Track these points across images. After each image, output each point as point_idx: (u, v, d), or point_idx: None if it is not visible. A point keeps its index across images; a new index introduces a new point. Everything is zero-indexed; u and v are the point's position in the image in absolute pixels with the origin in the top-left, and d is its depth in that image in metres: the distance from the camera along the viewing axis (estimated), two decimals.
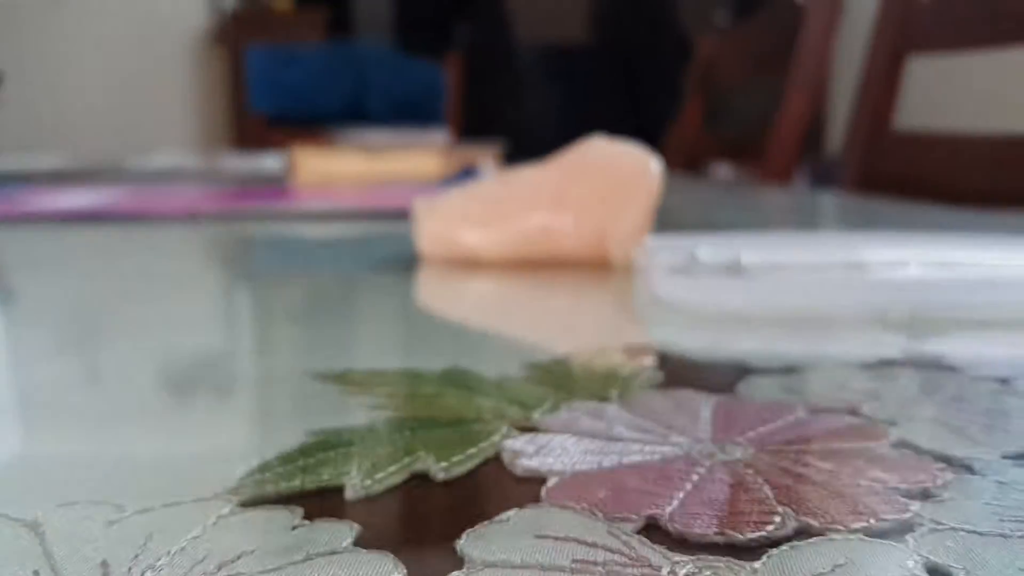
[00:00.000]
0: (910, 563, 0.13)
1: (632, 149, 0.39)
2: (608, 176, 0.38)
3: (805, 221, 0.66)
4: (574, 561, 0.13)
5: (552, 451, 0.17)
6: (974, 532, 0.14)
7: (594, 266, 0.38)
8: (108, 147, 2.46)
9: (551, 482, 0.16)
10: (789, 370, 0.23)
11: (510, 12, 2.95)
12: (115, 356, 0.26)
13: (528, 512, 0.15)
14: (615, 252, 0.38)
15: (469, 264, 0.39)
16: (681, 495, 0.15)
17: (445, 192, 0.42)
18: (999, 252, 0.34)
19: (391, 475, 0.16)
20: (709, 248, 0.33)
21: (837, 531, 0.14)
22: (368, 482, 0.16)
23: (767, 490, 0.15)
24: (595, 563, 0.13)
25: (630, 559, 0.13)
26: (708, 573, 0.13)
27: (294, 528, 0.14)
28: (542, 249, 0.38)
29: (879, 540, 0.13)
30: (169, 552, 0.13)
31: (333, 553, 0.13)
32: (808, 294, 0.30)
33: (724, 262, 0.32)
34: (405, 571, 0.13)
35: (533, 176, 0.40)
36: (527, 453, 0.17)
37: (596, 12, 3.03)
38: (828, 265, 0.33)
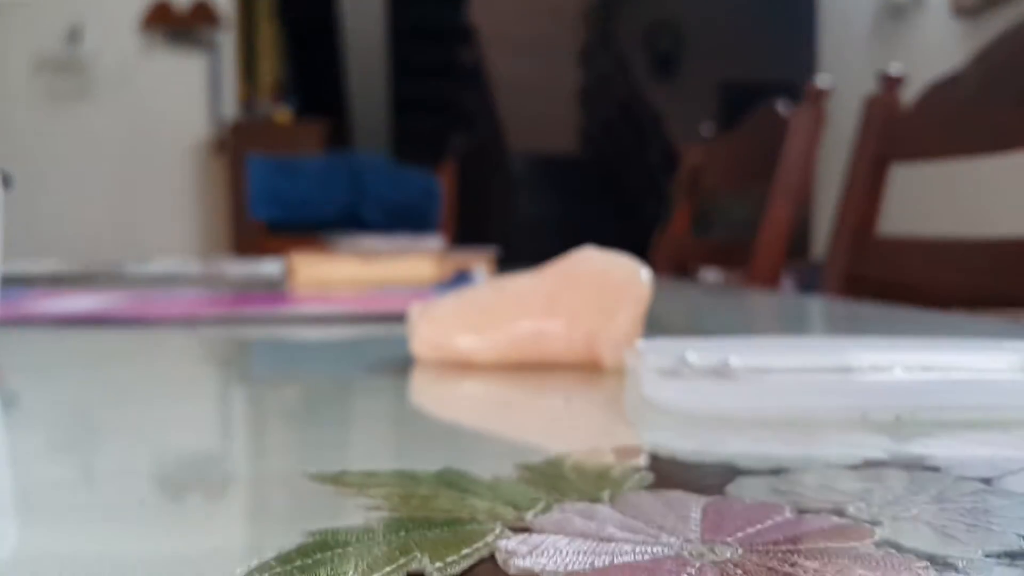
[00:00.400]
0: None
1: (622, 259, 0.41)
2: (599, 284, 0.40)
3: (791, 324, 0.67)
4: None
5: (545, 551, 0.18)
6: None
7: (584, 369, 0.39)
8: (109, 252, 2.48)
9: None
10: (777, 471, 0.23)
11: (503, 123, 3.05)
12: (113, 457, 0.27)
13: None
14: (606, 356, 0.39)
15: (462, 367, 0.40)
16: None
17: (439, 297, 0.43)
18: (980, 355, 0.35)
19: (387, 575, 0.17)
20: (698, 351, 0.34)
21: None
22: None
23: None
24: None
25: None
26: None
27: None
28: (533, 353, 0.39)
29: None
30: None
31: None
32: (795, 397, 0.30)
33: (713, 365, 0.33)
34: None
35: (525, 283, 0.41)
36: (521, 553, 0.18)
37: (585, 123, 3.13)
38: (815, 368, 0.34)
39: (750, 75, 3.30)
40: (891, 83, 0.95)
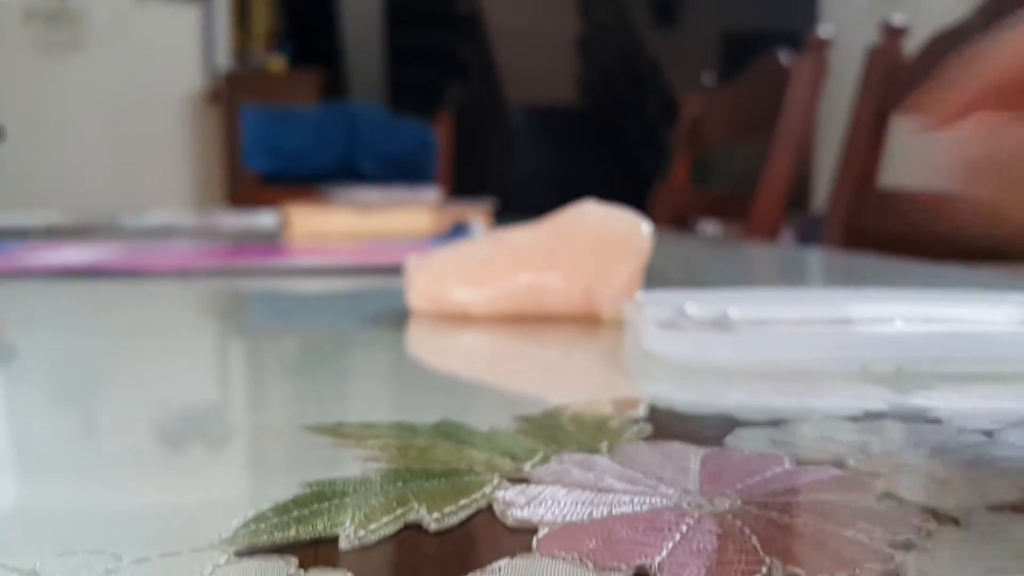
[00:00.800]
0: None
1: (623, 212, 0.40)
2: (599, 237, 0.39)
3: (791, 277, 0.67)
4: None
5: (543, 502, 0.18)
6: None
7: (582, 321, 0.39)
8: (104, 204, 2.47)
9: (542, 532, 0.16)
10: (776, 423, 0.23)
11: (500, 73, 3.02)
12: (112, 409, 0.26)
13: (519, 562, 0.15)
14: (605, 309, 0.38)
15: (459, 319, 0.40)
16: (670, 545, 0.15)
17: (436, 249, 0.43)
18: (981, 308, 0.35)
19: (384, 525, 0.17)
20: (697, 304, 0.33)
21: None
22: (362, 532, 0.16)
23: (754, 541, 0.16)
24: None
25: None
26: None
27: None
28: (531, 306, 0.39)
29: None
30: None
31: None
32: (795, 349, 0.30)
33: (712, 317, 0.33)
34: None
35: (523, 236, 0.40)
36: (518, 504, 0.18)
37: (584, 73, 3.10)
38: (815, 320, 0.33)
39: (752, 24, 3.25)
40: (894, 34, 0.93)
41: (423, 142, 2.17)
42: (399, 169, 2.05)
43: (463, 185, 2.13)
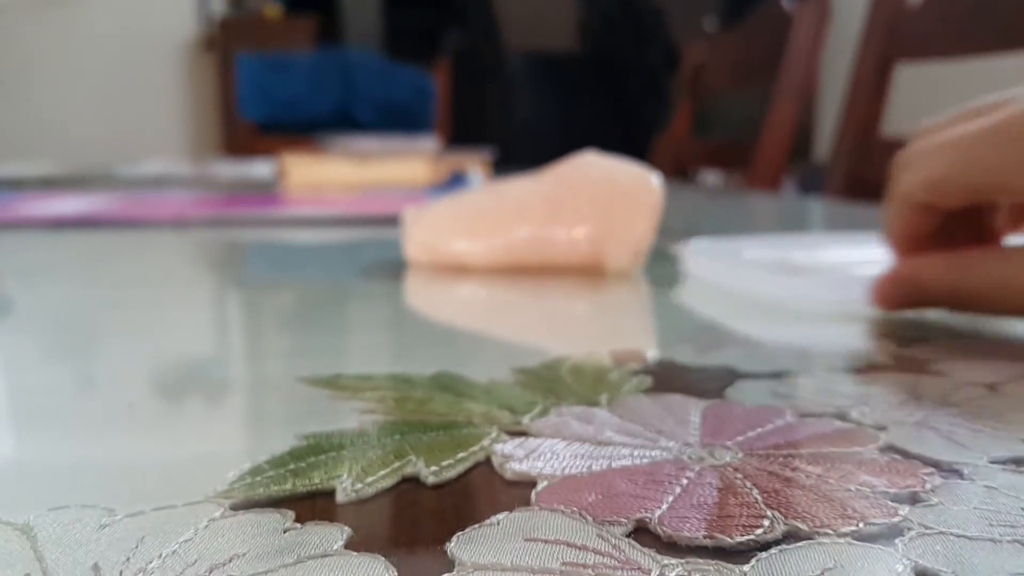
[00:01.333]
0: (899, 567, 0.13)
1: (628, 164, 0.40)
2: (608, 189, 0.38)
3: (793, 227, 0.66)
4: (564, 564, 0.13)
5: (542, 455, 0.17)
6: (963, 536, 0.14)
7: (584, 273, 0.38)
8: (98, 154, 2.45)
9: (541, 486, 0.16)
10: (778, 375, 0.23)
11: (499, 19, 2.96)
12: (106, 361, 0.26)
13: (518, 515, 0.15)
14: (613, 262, 0.38)
15: (457, 271, 0.39)
16: (670, 499, 0.15)
17: (434, 199, 0.42)
18: None
19: (382, 479, 0.16)
20: (754, 247, 0.36)
21: (826, 535, 0.14)
22: (359, 486, 0.16)
23: (756, 494, 0.15)
24: (585, 566, 0.13)
25: (619, 562, 0.13)
26: None
27: (285, 531, 0.14)
28: (532, 258, 0.38)
29: (868, 544, 0.14)
30: (160, 555, 0.13)
31: (324, 556, 0.13)
32: (843, 289, 0.31)
33: (768, 260, 0.35)
34: (396, 574, 0.13)
35: (525, 187, 0.40)
36: (517, 457, 0.17)
37: (584, 19, 3.04)
38: (862, 264, 0.34)
39: None
40: None
41: (420, 90, 2.14)
42: (396, 117, 2.02)
43: (461, 134, 2.11)
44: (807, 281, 0.32)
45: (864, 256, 0.35)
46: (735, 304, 0.33)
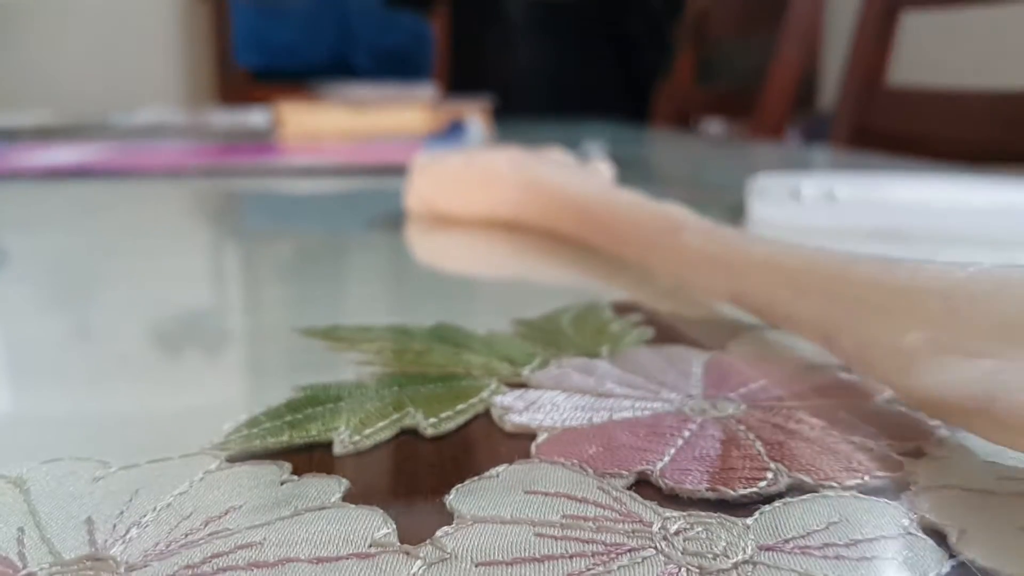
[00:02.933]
0: (905, 521, 0.13)
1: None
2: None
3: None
4: (564, 517, 0.13)
5: (542, 407, 0.17)
6: (969, 490, 0.13)
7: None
8: (94, 103, 2.42)
9: (541, 438, 0.16)
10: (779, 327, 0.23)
11: None
12: (101, 312, 0.26)
13: (518, 468, 0.15)
14: None
15: (458, 222, 0.39)
16: (672, 451, 0.15)
17: (440, 152, 0.41)
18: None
19: (380, 431, 0.16)
20: (809, 183, 0.38)
21: (831, 488, 0.14)
22: (357, 438, 0.16)
23: (759, 446, 0.15)
24: (585, 519, 0.13)
25: (620, 515, 0.13)
26: (699, 529, 0.12)
27: (282, 483, 0.14)
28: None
29: (873, 498, 0.13)
30: (155, 508, 0.13)
31: (322, 508, 0.13)
32: (887, 217, 0.35)
33: (820, 193, 0.37)
34: (394, 526, 0.13)
35: (530, 152, 0.39)
36: (517, 409, 0.17)
37: None
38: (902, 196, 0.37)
39: None
40: None
41: (419, 36, 2.11)
42: (394, 64, 2.00)
43: (460, 81, 2.08)
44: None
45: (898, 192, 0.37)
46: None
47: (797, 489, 0.14)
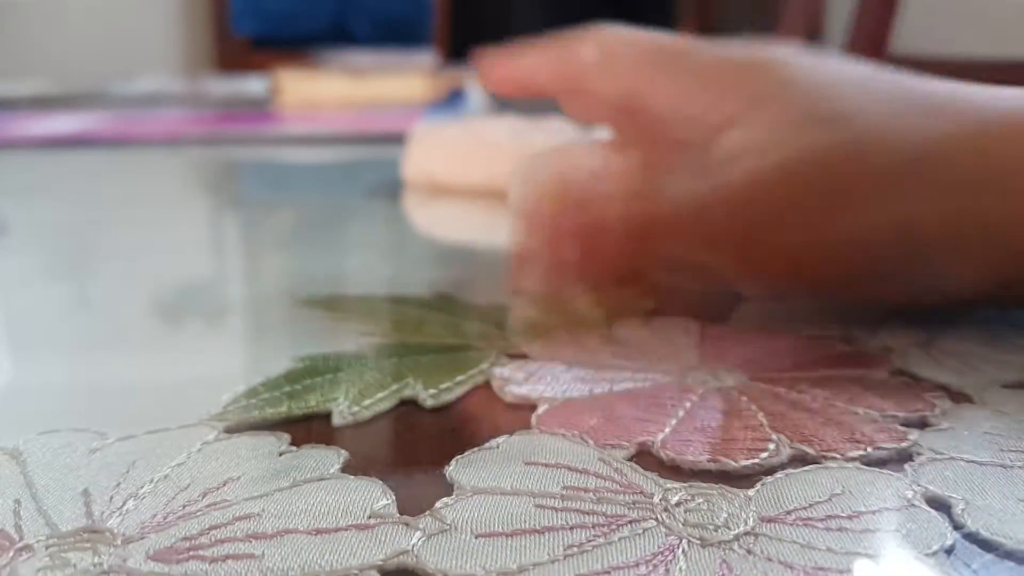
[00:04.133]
0: (909, 493, 0.12)
1: None
2: None
3: None
4: (565, 488, 0.13)
5: (542, 378, 0.17)
6: (973, 462, 0.13)
7: None
8: (90, 71, 2.39)
9: (541, 409, 0.16)
10: (782, 297, 0.22)
11: None
12: (99, 282, 0.26)
13: (518, 439, 0.14)
14: None
15: (456, 192, 0.38)
16: (673, 422, 0.15)
17: (438, 122, 0.41)
18: None
19: (379, 401, 0.16)
20: None
21: (833, 459, 0.14)
22: (356, 408, 0.16)
23: (761, 417, 0.15)
24: (586, 490, 0.13)
25: (621, 486, 0.13)
26: (701, 500, 0.12)
27: (281, 454, 0.14)
28: None
29: (877, 469, 0.13)
30: (152, 479, 0.13)
31: (321, 479, 0.13)
32: None
33: None
34: (394, 497, 0.12)
35: (527, 122, 0.39)
36: (517, 380, 0.17)
37: None
38: None
39: None
40: None
41: (418, 3, 2.08)
42: (393, 32, 1.98)
43: (460, 49, 2.06)
44: None
45: None
46: None
47: (799, 460, 0.14)
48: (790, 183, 0.18)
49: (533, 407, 0.16)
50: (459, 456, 0.14)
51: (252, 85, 1.10)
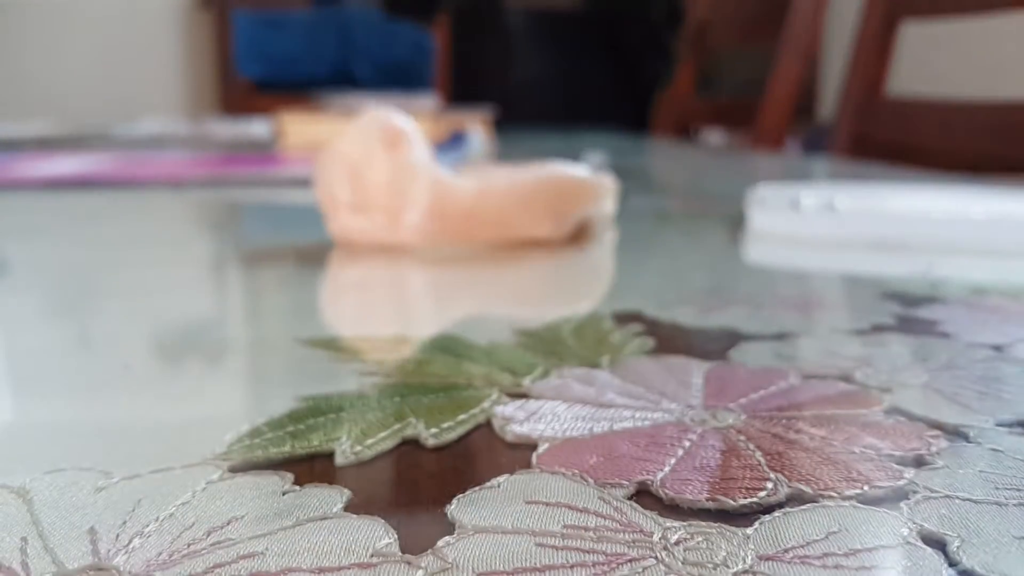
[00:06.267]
0: (904, 531, 0.13)
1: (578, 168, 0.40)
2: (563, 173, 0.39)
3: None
4: (565, 527, 0.13)
5: (543, 417, 0.17)
6: (969, 500, 0.13)
7: (543, 245, 0.38)
8: (95, 113, 2.42)
9: (542, 448, 0.16)
10: (781, 336, 0.23)
11: None
12: (103, 323, 0.26)
13: (519, 478, 0.15)
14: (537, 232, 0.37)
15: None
16: (672, 461, 0.15)
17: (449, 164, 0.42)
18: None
19: (382, 441, 0.16)
20: (809, 193, 0.39)
21: (830, 498, 0.14)
22: (358, 448, 0.16)
23: (759, 456, 0.15)
24: (586, 528, 0.13)
25: (621, 524, 0.13)
26: (700, 539, 0.12)
27: (284, 493, 0.14)
28: (494, 232, 0.37)
29: (873, 507, 0.13)
30: (158, 518, 0.13)
31: (323, 518, 0.13)
32: (887, 228, 0.36)
33: (820, 204, 0.38)
34: (396, 536, 0.13)
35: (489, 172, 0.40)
36: (518, 419, 0.17)
37: None
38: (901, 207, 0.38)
39: None
40: None
41: (419, 47, 2.11)
42: (395, 75, 2.00)
43: (461, 92, 2.08)
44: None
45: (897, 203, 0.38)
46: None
47: (797, 499, 0.14)
48: None
49: (534, 446, 0.16)
50: (460, 495, 0.14)
51: (256, 127, 1.12)
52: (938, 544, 0.12)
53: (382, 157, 0.35)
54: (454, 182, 0.36)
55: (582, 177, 0.39)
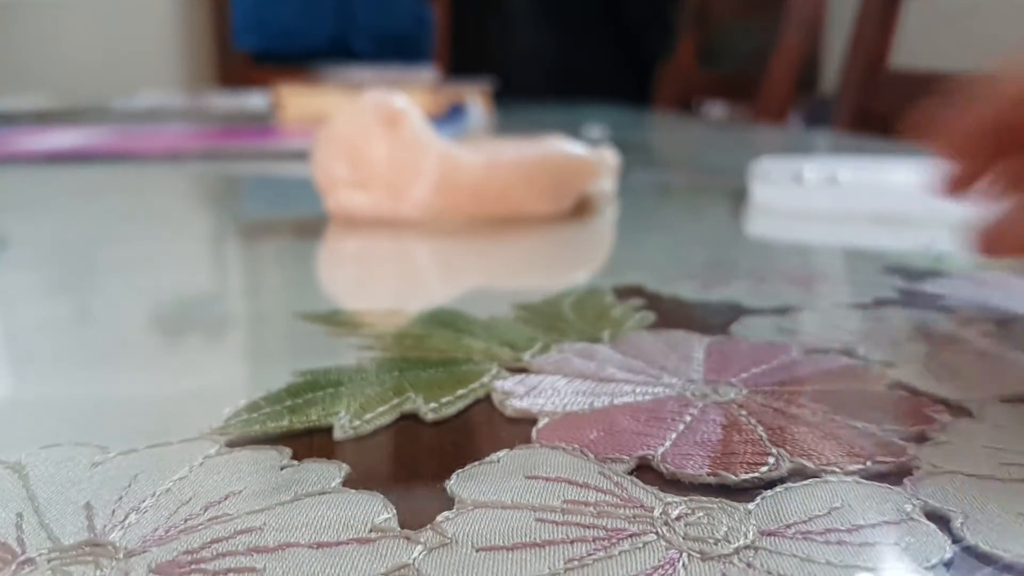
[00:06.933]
0: (908, 507, 0.13)
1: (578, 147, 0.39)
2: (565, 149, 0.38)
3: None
4: (565, 502, 0.13)
5: (543, 392, 0.17)
6: (972, 476, 0.13)
7: (544, 220, 0.37)
8: (92, 87, 2.40)
9: (542, 423, 0.16)
10: (783, 310, 0.22)
11: None
12: (101, 297, 0.26)
13: (519, 453, 0.14)
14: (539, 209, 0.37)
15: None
16: (673, 436, 0.15)
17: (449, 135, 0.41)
18: None
19: (380, 415, 0.16)
20: (811, 167, 0.39)
21: (832, 473, 0.14)
22: (357, 422, 0.16)
23: (760, 431, 0.15)
24: (586, 503, 0.13)
25: (622, 500, 0.13)
26: (701, 514, 0.12)
27: (282, 468, 0.14)
28: (497, 208, 0.37)
29: (875, 483, 0.13)
30: (154, 493, 0.13)
31: (322, 493, 0.13)
32: (889, 201, 0.35)
33: (823, 177, 0.38)
34: (394, 511, 0.13)
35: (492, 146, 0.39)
36: (518, 394, 0.17)
37: None
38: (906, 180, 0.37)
39: None
40: None
41: (419, 19, 2.10)
42: (394, 47, 1.99)
43: (460, 64, 2.07)
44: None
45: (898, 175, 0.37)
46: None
47: (799, 474, 0.14)
48: None
49: (534, 421, 0.16)
50: (460, 470, 0.14)
51: (253, 100, 1.11)
52: (941, 520, 0.12)
53: (379, 133, 0.35)
54: (463, 157, 0.36)
55: (584, 155, 0.38)
